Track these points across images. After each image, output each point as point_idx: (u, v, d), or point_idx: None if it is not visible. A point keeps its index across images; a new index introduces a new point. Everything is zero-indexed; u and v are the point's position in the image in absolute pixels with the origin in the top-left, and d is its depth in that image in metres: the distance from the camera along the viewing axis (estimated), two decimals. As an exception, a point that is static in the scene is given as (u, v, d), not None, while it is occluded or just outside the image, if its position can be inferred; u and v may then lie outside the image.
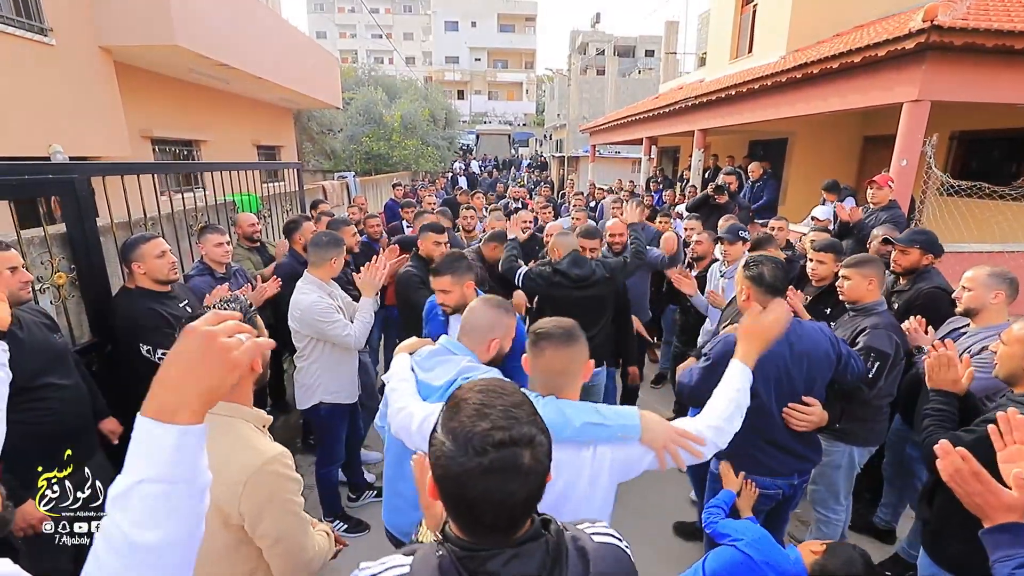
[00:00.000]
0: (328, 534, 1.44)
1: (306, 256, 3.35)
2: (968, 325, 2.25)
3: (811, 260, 2.93)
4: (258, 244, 3.83)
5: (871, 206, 4.00)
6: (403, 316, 3.14)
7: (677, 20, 17.08)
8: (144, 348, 2.28)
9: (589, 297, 2.88)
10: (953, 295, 2.34)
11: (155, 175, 3.18)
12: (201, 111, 8.68)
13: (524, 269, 3.01)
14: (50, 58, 5.54)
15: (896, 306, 2.71)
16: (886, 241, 2.83)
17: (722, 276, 3.29)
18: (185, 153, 8.50)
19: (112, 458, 2.19)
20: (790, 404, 1.92)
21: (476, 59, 42.05)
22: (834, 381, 2.01)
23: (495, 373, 1.50)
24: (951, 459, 1.09)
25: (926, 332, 2.34)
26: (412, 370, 1.62)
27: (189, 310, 2.49)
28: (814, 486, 2.44)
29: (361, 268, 2.69)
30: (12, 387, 1.69)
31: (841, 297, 2.39)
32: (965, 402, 1.65)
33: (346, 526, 2.92)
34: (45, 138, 5.41)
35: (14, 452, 1.52)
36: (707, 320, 3.49)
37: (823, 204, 5.09)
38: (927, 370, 1.69)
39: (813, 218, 4.62)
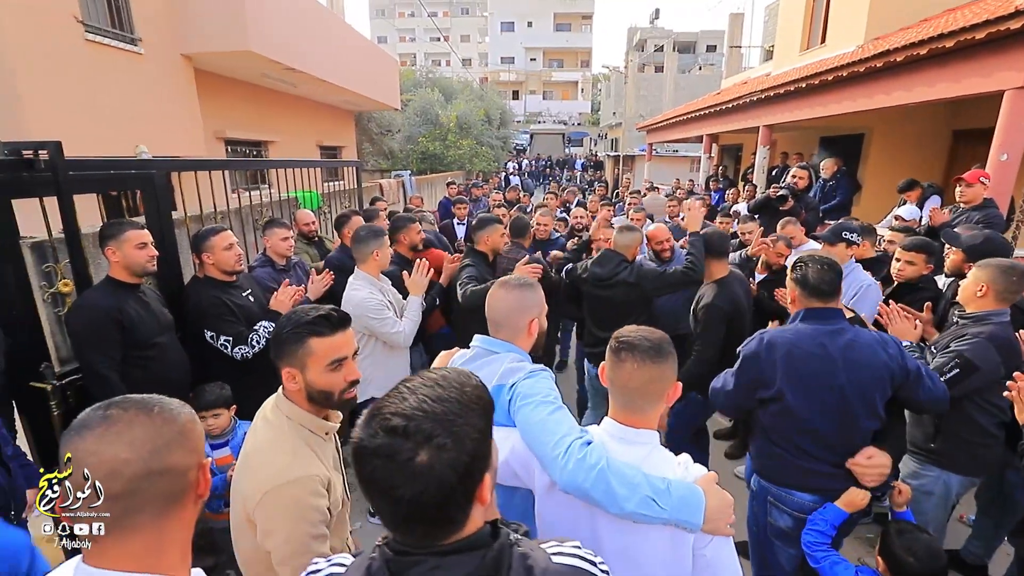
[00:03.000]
0: None
1: (357, 244, 3.47)
2: None
3: (898, 260, 2.67)
4: (316, 239, 3.96)
5: (961, 205, 3.62)
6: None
7: (742, 12, 16.33)
8: (208, 334, 2.40)
9: (608, 297, 2.90)
10: None
11: (225, 174, 3.36)
12: (270, 113, 9.16)
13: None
14: (138, 66, 6.00)
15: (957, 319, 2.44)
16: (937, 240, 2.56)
17: None
18: (255, 153, 8.99)
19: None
20: (853, 460, 1.69)
21: (531, 59, 42.04)
22: (898, 399, 1.76)
23: (545, 375, 1.33)
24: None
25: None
26: None
27: (252, 299, 2.60)
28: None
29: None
30: (134, 343, 2.11)
31: (957, 299, 2.16)
32: None
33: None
34: (132, 140, 5.86)
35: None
36: None
37: (902, 204, 4.67)
38: (1015, 404, 1.49)
39: (897, 217, 4.23)
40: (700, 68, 25.49)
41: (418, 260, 2.76)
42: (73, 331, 2.11)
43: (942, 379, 1.84)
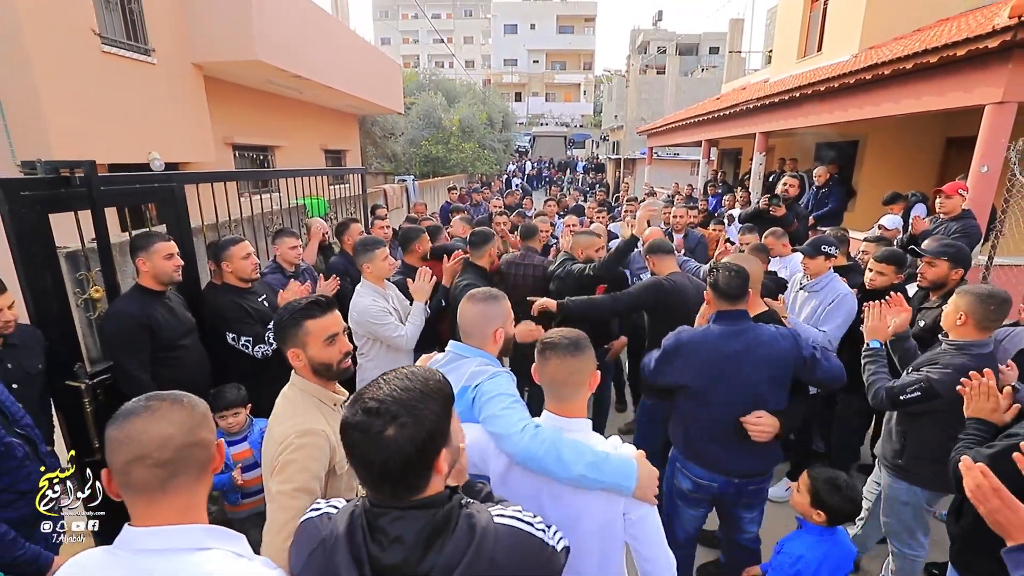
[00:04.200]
0: None
1: (354, 256, 3.66)
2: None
3: (870, 271, 2.84)
4: (326, 244, 4.14)
5: (941, 216, 3.78)
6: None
7: (742, 18, 16.47)
8: (229, 336, 2.58)
9: (556, 290, 3.21)
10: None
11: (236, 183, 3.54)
12: (276, 119, 9.36)
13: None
14: (151, 75, 6.21)
15: (923, 324, 2.57)
16: (914, 253, 2.69)
17: (801, 288, 3.19)
18: (261, 158, 9.20)
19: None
20: (744, 417, 1.97)
21: (534, 61, 42.25)
22: (801, 381, 2.06)
23: (505, 375, 1.50)
24: (973, 475, 1.10)
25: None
26: None
27: (266, 304, 2.79)
28: (886, 518, 2.35)
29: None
30: (161, 344, 2.29)
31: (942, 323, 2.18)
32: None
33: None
34: (145, 146, 6.07)
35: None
36: None
37: (876, 225, 4.83)
38: (966, 399, 1.65)
39: (880, 226, 4.40)
40: (703, 71, 25.60)
41: (421, 268, 2.93)
42: (107, 336, 2.30)
43: (902, 397, 2.01)
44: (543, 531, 0.96)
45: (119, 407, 0.92)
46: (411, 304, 2.90)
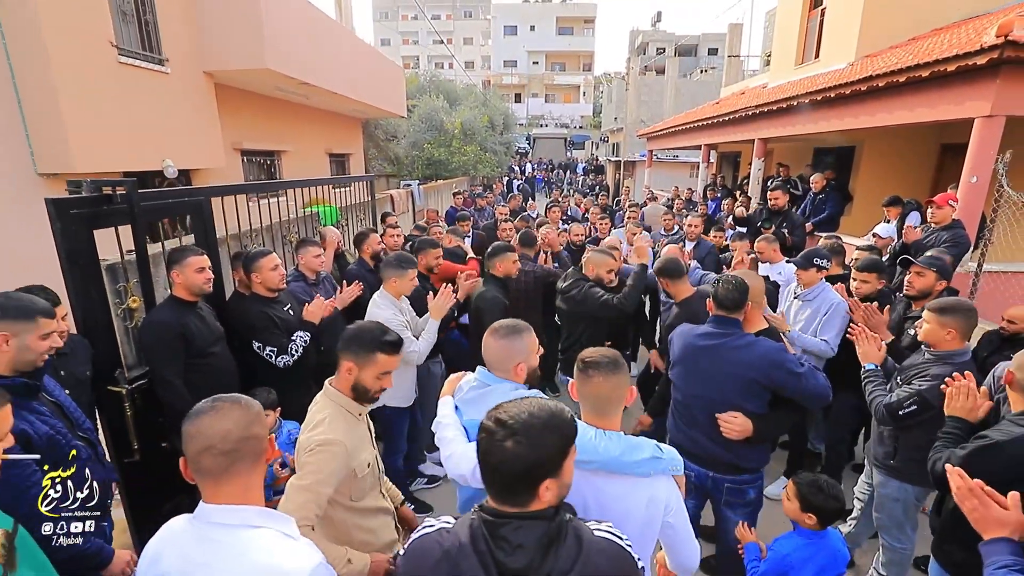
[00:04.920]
0: (351, 561, 1.58)
1: (370, 263, 3.83)
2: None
3: (854, 280, 3.01)
4: (339, 252, 4.30)
5: (932, 225, 3.95)
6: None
7: (741, 23, 16.64)
8: (256, 345, 2.74)
9: (565, 310, 3.42)
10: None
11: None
12: (283, 124, 9.50)
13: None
14: (164, 84, 6.35)
15: (913, 332, 2.70)
16: (905, 263, 2.83)
17: (796, 298, 3.31)
18: (268, 162, 9.34)
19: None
20: (720, 414, 2.15)
21: (534, 62, 42.39)
22: (786, 396, 2.17)
23: (536, 394, 1.51)
24: (954, 479, 1.27)
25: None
26: (457, 409, 1.77)
27: (291, 313, 2.94)
28: (878, 514, 2.50)
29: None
30: (193, 351, 2.43)
31: (919, 338, 2.32)
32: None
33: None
34: (159, 153, 6.22)
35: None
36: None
37: (886, 221, 4.99)
38: (946, 398, 1.81)
39: (874, 235, 4.56)
40: (702, 72, 25.74)
41: (443, 286, 3.03)
42: (145, 344, 2.45)
43: (900, 412, 2.16)
44: (630, 547, 1.08)
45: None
46: (420, 317, 3.03)
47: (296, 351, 2.81)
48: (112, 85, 5.51)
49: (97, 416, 2.42)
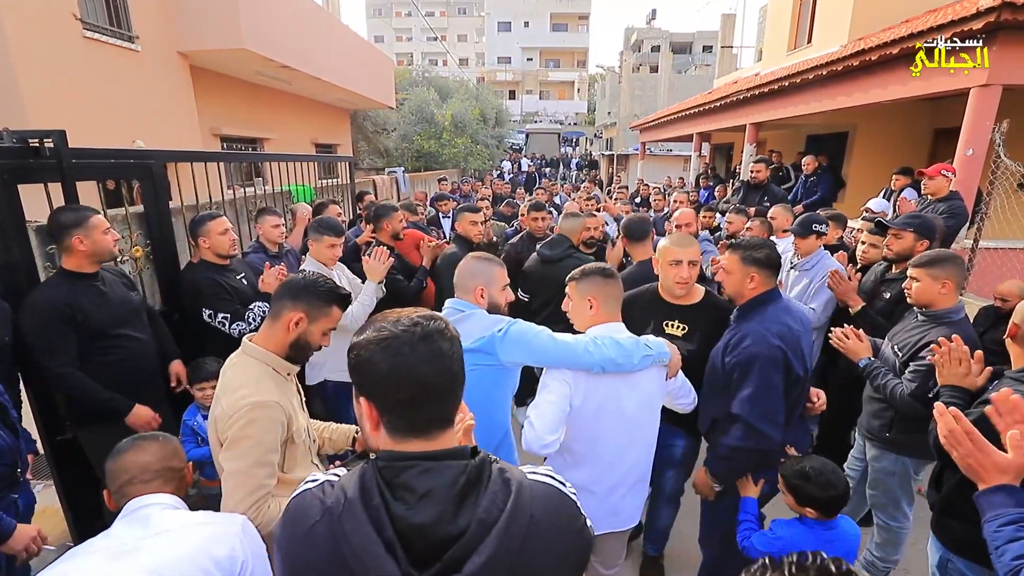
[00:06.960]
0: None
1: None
2: None
3: (862, 243, 2.88)
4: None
5: (928, 197, 3.79)
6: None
7: (734, 13, 16.52)
8: (206, 313, 2.54)
9: (553, 275, 3.17)
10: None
11: (220, 168, 3.47)
12: (265, 111, 9.29)
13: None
14: (135, 63, 6.13)
15: (888, 295, 2.60)
16: (879, 225, 2.70)
17: (792, 268, 3.18)
18: (250, 150, 9.12)
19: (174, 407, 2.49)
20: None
21: (528, 59, 42.23)
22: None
23: (520, 321, 1.68)
24: (945, 420, 1.09)
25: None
26: None
27: (245, 282, 2.75)
28: (872, 491, 2.36)
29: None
30: (96, 333, 2.07)
31: (909, 300, 2.17)
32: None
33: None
34: (129, 135, 5.99)
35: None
36: None
37: (879, 195, 4.85)
38: (937, 367, 1.64)
39: (867, 209, 4.41)
40: (696, 68, 25.70)
41: (376, 247, 2.83)
42: (25, 331, 2.02)
43: (931, 396, 1.85)
44: (574, 495, 0.87)
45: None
46: (363, 283, 2.82)
47: (254, 320, 2.61)
48: (77, 61, 5.29)
49: (22, 388, 2.23)
